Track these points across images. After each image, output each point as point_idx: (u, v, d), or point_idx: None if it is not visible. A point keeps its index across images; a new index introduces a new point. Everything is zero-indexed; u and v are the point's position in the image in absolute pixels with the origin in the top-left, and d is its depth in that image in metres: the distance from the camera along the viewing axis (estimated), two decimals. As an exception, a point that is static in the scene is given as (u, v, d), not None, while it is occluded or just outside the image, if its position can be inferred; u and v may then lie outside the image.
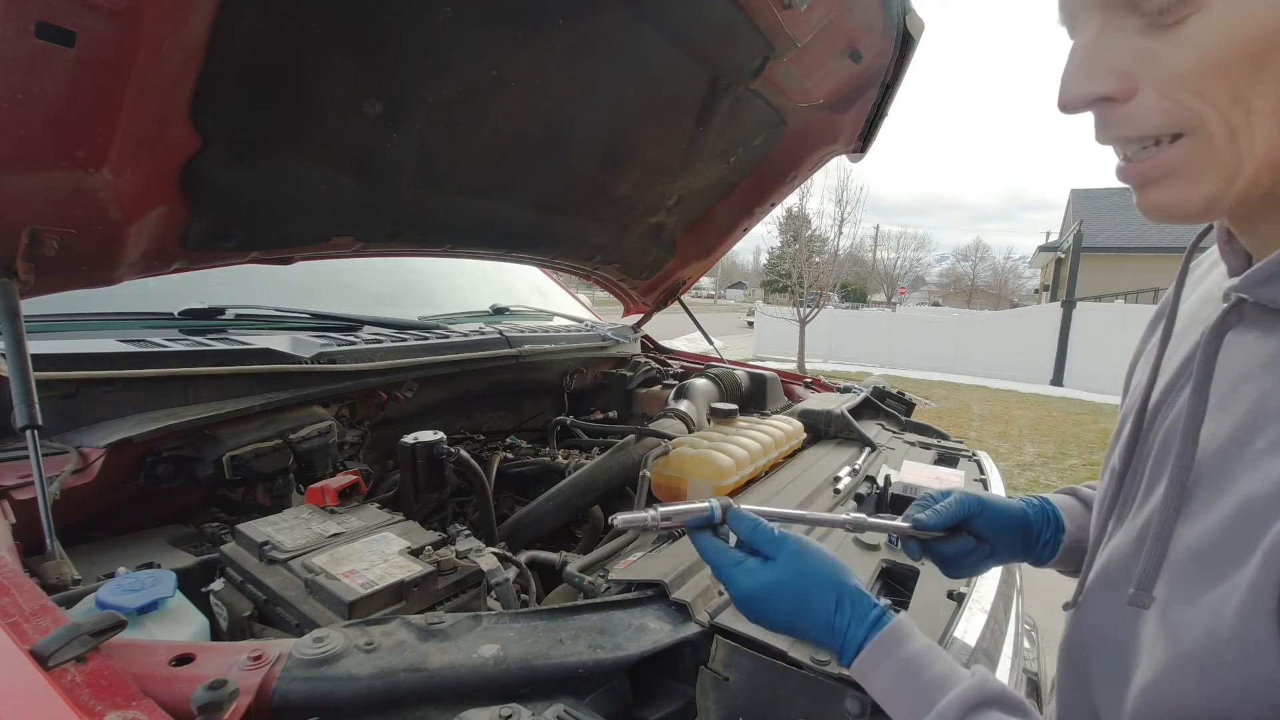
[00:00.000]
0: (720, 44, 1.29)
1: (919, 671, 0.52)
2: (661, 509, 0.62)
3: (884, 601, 0.57)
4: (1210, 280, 0.58)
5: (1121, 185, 0.50)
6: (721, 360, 2.28)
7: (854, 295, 39.60)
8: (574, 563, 0.97)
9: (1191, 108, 0.40)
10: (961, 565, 0.75)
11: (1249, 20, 0.37)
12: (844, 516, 0.73)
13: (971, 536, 0.74)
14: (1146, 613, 0.45)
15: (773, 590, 0.58)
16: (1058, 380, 11.55)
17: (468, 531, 0.94)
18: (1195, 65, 0.39)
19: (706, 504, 0.63)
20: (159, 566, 0.84)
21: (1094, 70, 0.43)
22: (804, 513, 0.73)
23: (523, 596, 0.92)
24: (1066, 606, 0.60)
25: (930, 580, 0.95)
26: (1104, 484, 0.60)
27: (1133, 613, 0.47)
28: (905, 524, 0.73)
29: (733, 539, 0.63)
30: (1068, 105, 0.45)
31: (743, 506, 0.65)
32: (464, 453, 1.21)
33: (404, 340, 1.46)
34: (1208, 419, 0.46)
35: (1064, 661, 0.60)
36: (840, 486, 1.27)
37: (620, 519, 0.62)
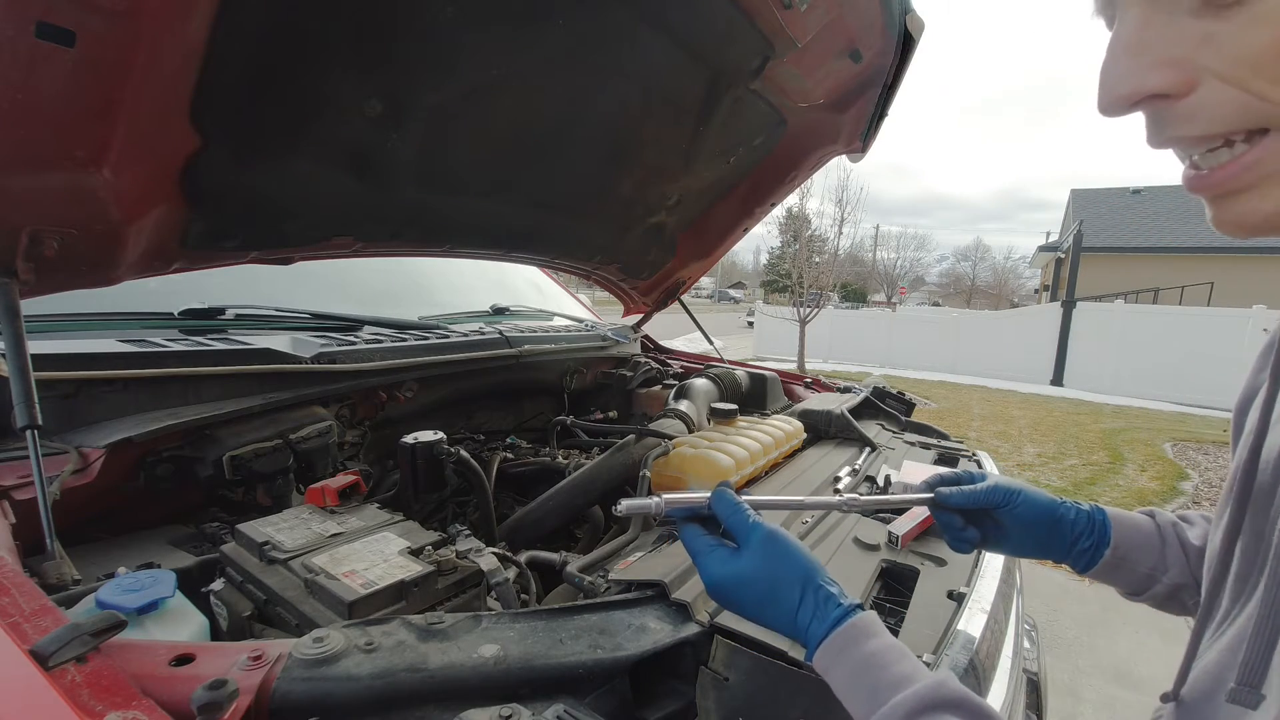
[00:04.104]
0: (720, 44, 1.29)
1: (876, 669, 0.50)
2: (666, 496, 0.64)
3: (851, 601, 0.56)
4: None
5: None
6: (721, 360, 2.28)
7: (854, 295, 39.61)
8: (574, 563, 0.97)
9: (1271, 96, 0.33)
10: (969, 545, 0.76)
11: None
12: (839, 499, 0.74)
13: (993, 521, 0.74)
14: (1254, 714, 0.39)
15: (739, 581, 0.59)
16: (1058, 380, 11.54)
17: (468, 531, 0.94)
18: (1270, 45, 0.32)
19: (707, 494, 0.65)
20: (159, 566, 0.84)
21: (1142, 62, 0.36)
22: (801, 498, 0.75)
23: (523, 596, 0.92)
24: (1165, 698, 0.51)
25: (930, 580, 0.95)
26: (1214, 545, 0.52)
27: (1241, 712, 0.40)
28: (927, 494, 0.75)
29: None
30: (1113, 105, 0.37)
31: (745, 497, 0.65)
32: (464, 453, 1.20)
33: (404, 340, 1.46)
34: None
35: None
36: (840, 486, 1.27)
37: (624, 505, 0.63)
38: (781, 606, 0.56)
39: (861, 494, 0.76)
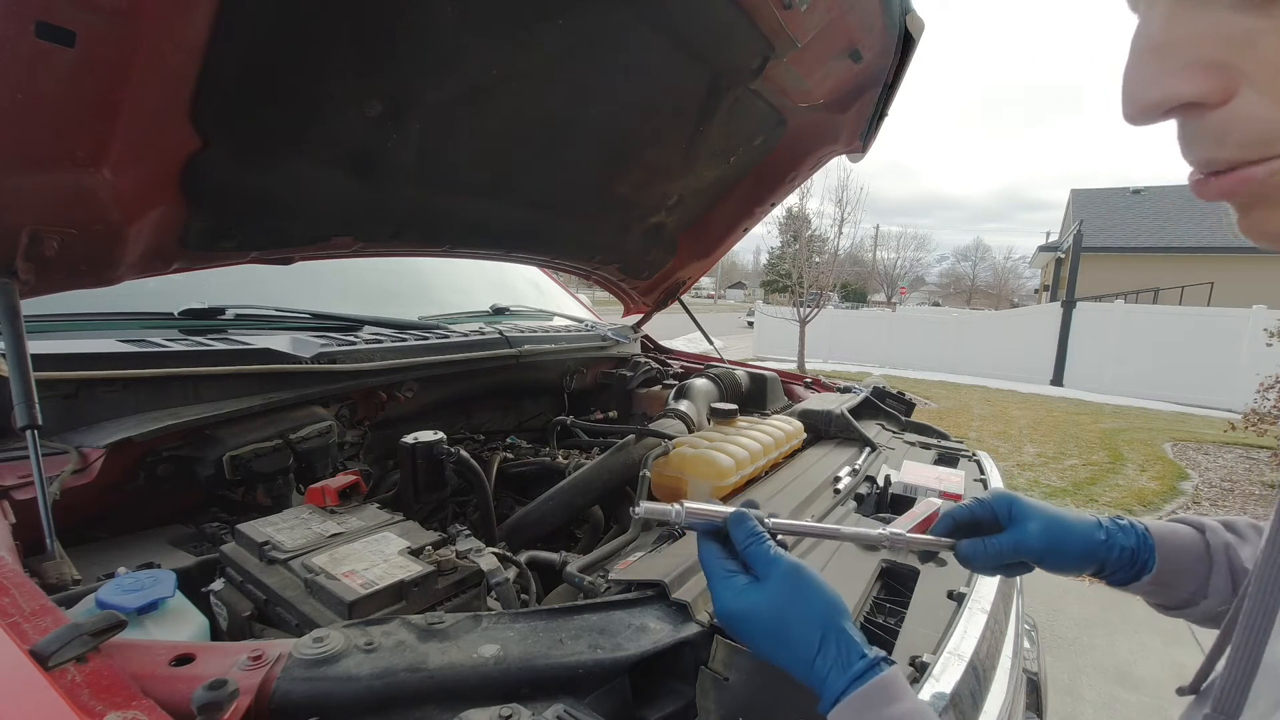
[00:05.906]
0: (720, 44, 1.29)
1: None
2: (688, 505, 0.62)
3: (876, 653, 0.52)
4: None
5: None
6: (721, 360, 2.28)
7: (854, 295, 39.62)
8: (574, 563, 0.97)
9: None
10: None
11: None
12: (878, 532, 0.72)
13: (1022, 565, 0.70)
14: None
15: (754, 614, 0.55)
16: (1058, 380, 11.55)
17: (468, 531, 0.94)
18: None
19: (731, 509, 0.62)
20: (159, 566, 0.84)
21: (1169, 64, 0.31)
22: (836, 527, 0.71)
23: (523, 596, 0.92)
24: (1181, 692, 0.51)
25: (930, 580, 0.95)
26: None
27: None
28: (947, 541, 0.72)
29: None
30: (1139, 114, 0.32)
31: (773, 520, 0.63)
32: (464, 453, 1.20)
33: (404, 340, 1.46)
34: None
35: None
36: (840, 487, 1.27)
37: (644, 508, 0.62)
38: (798, 649, 0.53)
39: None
